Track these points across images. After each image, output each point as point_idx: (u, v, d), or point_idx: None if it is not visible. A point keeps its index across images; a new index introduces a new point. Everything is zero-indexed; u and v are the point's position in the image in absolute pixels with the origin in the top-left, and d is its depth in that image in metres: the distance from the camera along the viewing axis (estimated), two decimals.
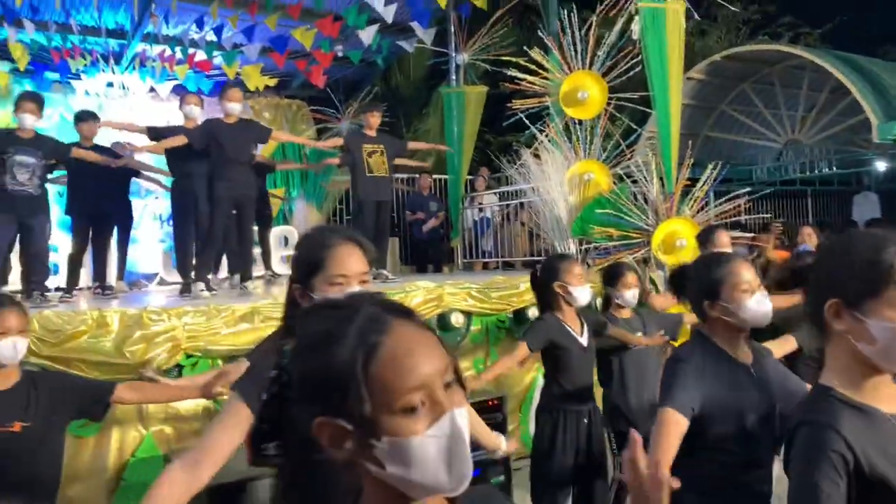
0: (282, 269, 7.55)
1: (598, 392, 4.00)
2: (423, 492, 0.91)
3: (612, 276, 4.34)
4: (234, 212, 6.10)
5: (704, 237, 4.54)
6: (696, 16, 7.19)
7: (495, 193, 9.64)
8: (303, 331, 0.96)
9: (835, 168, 10.99)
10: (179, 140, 6.06)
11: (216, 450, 1.64)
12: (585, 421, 3.60)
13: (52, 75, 9.20)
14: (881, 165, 11.10)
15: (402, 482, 0.90)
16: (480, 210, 9.42)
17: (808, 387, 1.91)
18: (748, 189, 6.48)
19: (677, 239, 5.93)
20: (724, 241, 4.41)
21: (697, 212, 6.25)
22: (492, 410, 4.53)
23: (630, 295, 4.22)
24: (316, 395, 0.91)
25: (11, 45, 8.02)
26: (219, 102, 6.22)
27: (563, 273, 3.62)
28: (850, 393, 1.38)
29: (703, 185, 6.23)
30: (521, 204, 8.34)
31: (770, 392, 2.21)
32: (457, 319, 5.39)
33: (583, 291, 3.62)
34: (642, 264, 6.12)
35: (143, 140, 6.72)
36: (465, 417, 0.91)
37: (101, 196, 6.45)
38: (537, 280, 3.82)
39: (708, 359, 2.20)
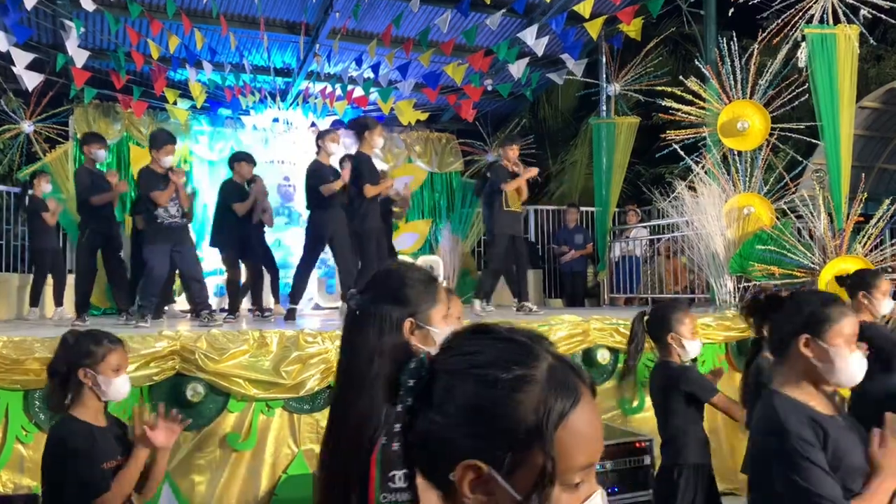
0: None
1: None
2: None
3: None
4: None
5: (861, 282, 4.00)
6: (871, 41, 6.69)
7: (646, 227, 9.36)
8: (466, 352, 0.87)
9: None
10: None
11: None
12: (709, 473, 3.38)
13: (225, 112, 9.98)
14: None
15: None
16: (628, 244, 9.17)
17: None
18: None
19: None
20: (885, 288, 3.99)
21: (871, 250, 5.76)
22: (639, 453, 4.33)
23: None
24: (479, 435, 0.82)
25: (192, 84, 8.79)
26: (369, 135, 6.23)
27: (676, 324, 3.43)
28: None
29: (878, 221, 5.74)
30: (675, 239, 8.03)
31: (858, 425, 2.02)
32: (603, 356, 5.23)
33: (695, 345, 3.44)
34: None
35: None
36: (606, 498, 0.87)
37: (244, 230, 6.99)
38: (644, 326, 3.59)
39: (809, 423, 1.93)
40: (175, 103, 9.05)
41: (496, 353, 0.86)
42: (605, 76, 9.19)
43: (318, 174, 6.38)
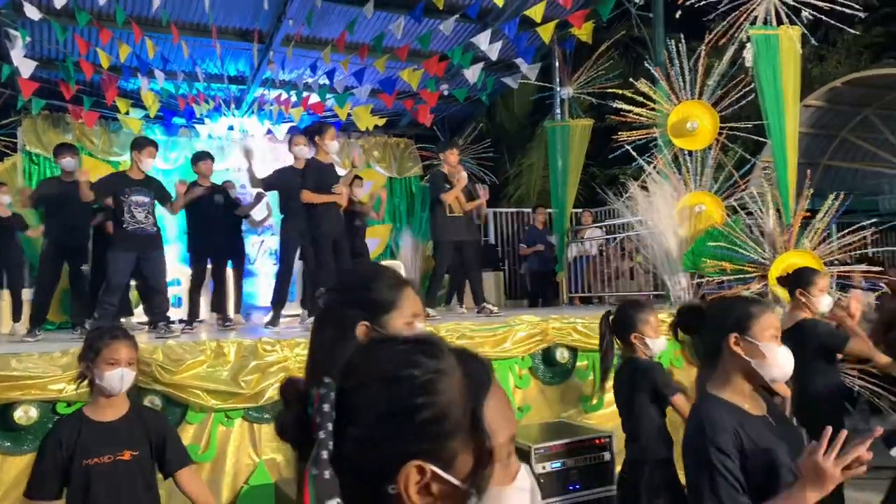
0: None
1: None
2: None
3: None
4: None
5: (801, 279, 4.15)
6: (813, 41, 6.89)
7: (601, 227, 9.50)
8: (376, 361, 0.87)
9: None
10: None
11: None
12: (673, 467, 3.45)
13: (179, 120, 9.87)
14: None
15: None
16: (583, 244, 9.30)
17: None
18: (874, 220, 6.10)
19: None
20: (824, 286, 4.12)
21: (818, 244, 5.94)
22: (599, 449, 4.40)
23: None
24: (409, 435, 0.81)
25: (144, 93, 8.67)
26: (320, 140, 6.17)
27: (642, 324, 3.51)
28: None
29: (824, 216, 5.92)
30: (629, 238, 8.17)
31: (792, 427, 2.17)
32: (562, 355, 5.30)
33: (658, 343, 3.51)
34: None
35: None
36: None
37: (214, 233, 6.81)
38: (610, 325, 3.65)
39: (732, 424, 1.99)
40: (127, 113, 8.91)
41: (401, 356, 0.86)
42: (558, 80, 9.32)
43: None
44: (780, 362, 2.07)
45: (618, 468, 3.89)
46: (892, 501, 3.02)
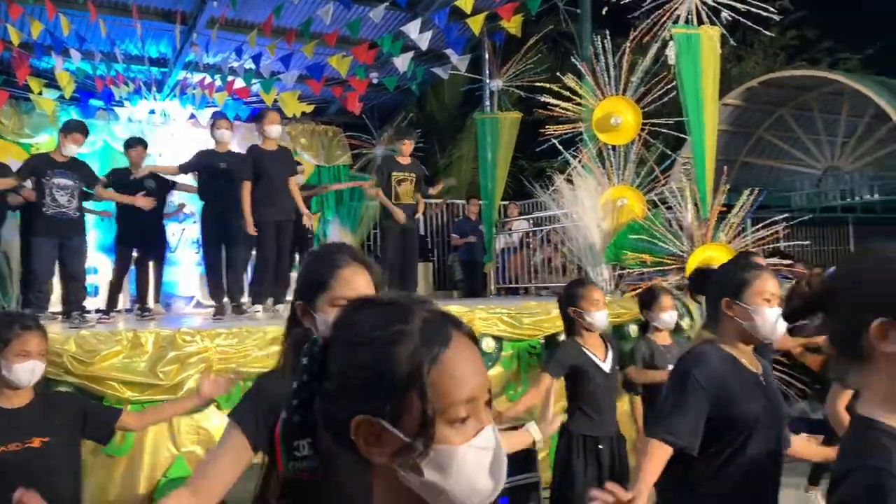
0: None
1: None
2: (452, 501, 0.90)
3: (647, 301, 4.31)
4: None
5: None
6: (732, 41, 7.14)
7: (528, 219, 9.63)
8: (350, 323, 0.94)
9: (877, 195, 10.75)
10: (246, 191, 5.99)
11: (216, 480, 1.66)
12: (604, 447, 3.56)
13: (96, 103, 9.47)
14: None
15: (434, 490, 0.89)
16: (510, 236, 9.41)
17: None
18: (786, 216, 6.38)
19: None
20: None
21: (733, 238, 6.17)
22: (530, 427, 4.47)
23: (667, 317, 4.20)
24: (363, 392, 0.89)
25: (58, 73, 8.28)
26: (257, 128, 6.28)
27: (579, 299, 3.62)
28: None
29: (739, 211, 6.16)
30: (555, 230, 8.31)
31: (779, 402, 2.28)
32: (488, 345, 5.36)
33: (597, 316, 3.61)
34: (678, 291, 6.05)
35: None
36: (498, 431, 0.94)
37: (144, 221, 6.58)
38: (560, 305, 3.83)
39: (719, 366, 2.22)
40: (41, 93, 8.50)
41: (374, 317, 0.93)
42: (488, 72, 9.37)
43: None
44: (768, 323, 2.22)
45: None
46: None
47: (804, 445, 2.51)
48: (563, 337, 5.29)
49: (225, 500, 1.69)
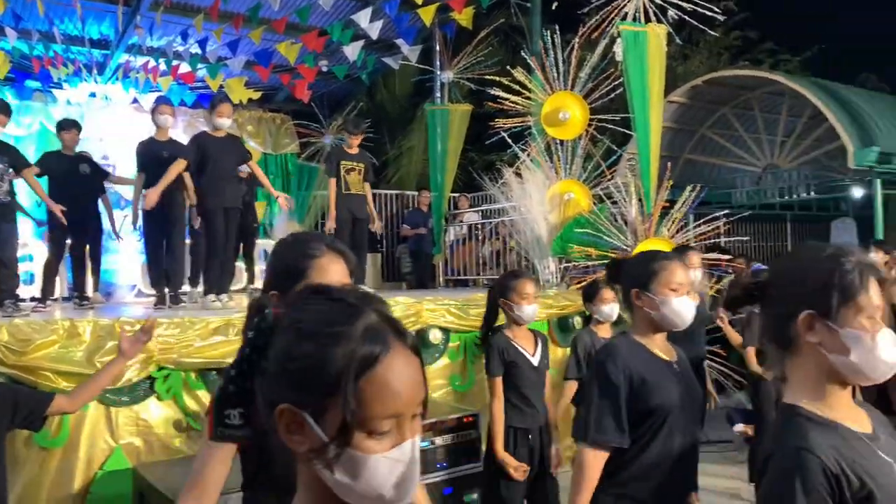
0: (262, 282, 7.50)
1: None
2: (360, 501, 0.91)
3: (589, 293, 4.38)
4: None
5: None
6: (678, 40, 7.28)
7: (477, 211, 9.67)
8: (300, 311, 0.95)
9: (813, 193, 11.11)
10: (179, 167, 5.89)
11: (214, 477, 1.61)
12: (533, 437, 3.61)
13: (33, 84, 9.15)
14: (858, 192, 11.23)
15: (343, 488, 0.90)
16: (461, 228, 9.44)
17: None
18: (726, 212, 6.55)
19: None
20: (694, 262, 4.48)
21: (676, 233, 6.30)
22: (467, 427, 4.51)
23: (607, 309, 4.27)
24: (294, 382, 0.90)
25: None
26: (208, 115, 6.17)
27: (510, 291, 3.63)
28: (818, 410, 1.38)
29: (682, 206, 6.29)
30: (503, 222, 8.37)
31: (694, 388, 2.36)
32: (434, 336, 5.38)
33: (527, 310, 3.62)
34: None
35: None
36: (419, 445, 0.94)
37: (77, 207, 6.37)
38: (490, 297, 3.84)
39: (630, 356, 2.28)
40: None
41: (323, 312, 0.93)
42: (439, 63, 9.36)
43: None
44: (676, 312, 2.30)
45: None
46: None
47: None
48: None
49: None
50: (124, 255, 8.92)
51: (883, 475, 1.31)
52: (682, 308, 2.29)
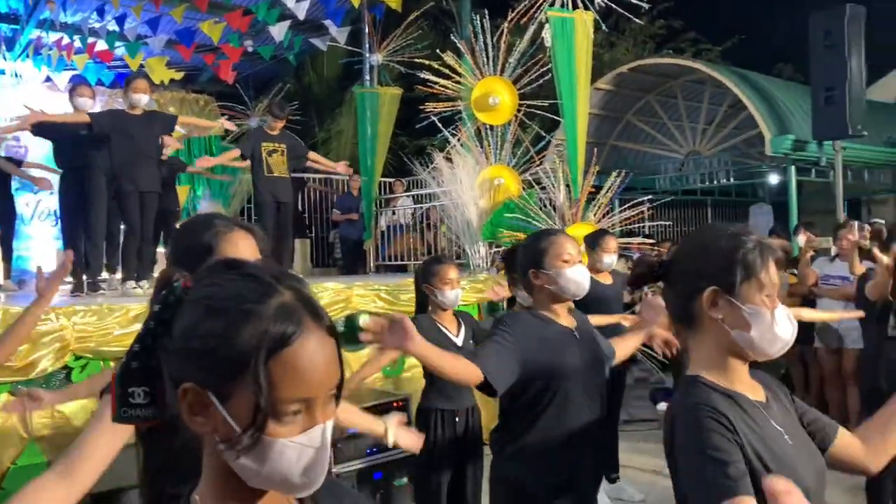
0: None
1: None
2: (266, 485, 0.90)
3: (591, 243, 4.54)
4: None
5: (593, 240, 4.76)
6: (605, 27, 7.39)
7: (409, 196, 9.63)
8: (210, 285, 0.90)
9: (732, 179, 11.51)
10: (81, 117, 5.65)
11: (94, 455, 1.52)
12: (460, 419, 3.64)
13: None
14: (774, 178, 11.70)
15: (248, 472, 0.88)
16: (394, 213, 9.39)
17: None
18: (650, 197, 6.71)
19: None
20: (611, 246, 4.62)
21: (601, 218, 6.42)
22: (397, 411, 4.50)
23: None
24: (200, 360, 0.86)
25: None
26: (124, 93, 5.90)
27: (433, 276, 3.63)
28: (719, 381, 1.46)
29: (608, 192, 6.41)
30: (434, 207, 8.37)
31: (597, 346, 2.49)
32: (364, 321, 5.33)
33: (449, 295, 3.62)
34: None
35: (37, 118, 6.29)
36: (331, 430, 0.91)
37: None
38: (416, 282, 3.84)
39: (529, 322, 2.39)
40: None
41: (235, 288, 0.89)
42: (367, 46, 9.24)
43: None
44: (571, 280, 2.40)
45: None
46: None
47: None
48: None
49: None
50: (38, 241, 8.55)
51: (774, 442, 1.39)
52: (577, 276, 2.41)
